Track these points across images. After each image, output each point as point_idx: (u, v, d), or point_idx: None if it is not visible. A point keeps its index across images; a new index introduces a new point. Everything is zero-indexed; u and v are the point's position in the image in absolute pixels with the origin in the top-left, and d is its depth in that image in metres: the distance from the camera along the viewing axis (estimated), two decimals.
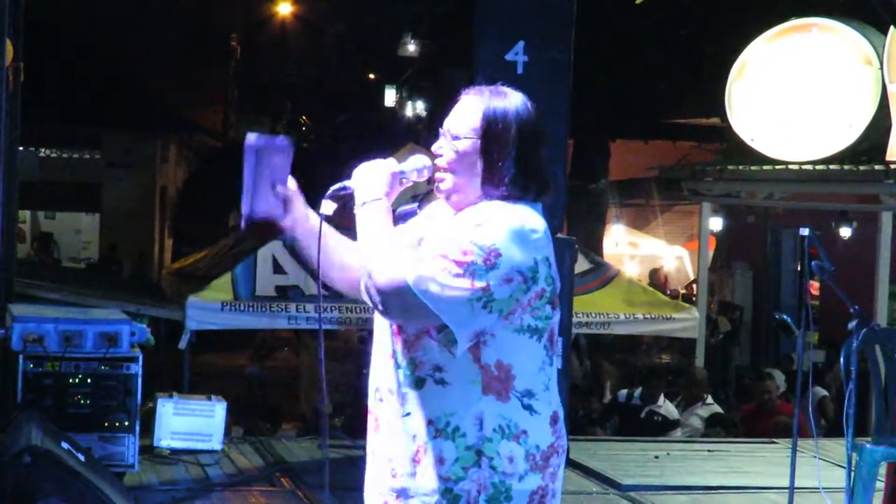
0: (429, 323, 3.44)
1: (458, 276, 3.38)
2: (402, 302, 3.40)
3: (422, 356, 3.51)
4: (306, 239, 3.79)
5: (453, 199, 3.64)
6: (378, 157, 3.83)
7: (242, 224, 3.76)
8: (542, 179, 3.63)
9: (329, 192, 3.67)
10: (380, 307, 3.46)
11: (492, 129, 3.57)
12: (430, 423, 3.49)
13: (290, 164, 3.72)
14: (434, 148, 3.65)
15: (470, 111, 3.61)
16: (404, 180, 3.71)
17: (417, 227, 3.73)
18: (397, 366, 3.55)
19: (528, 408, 3.52)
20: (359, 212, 3.58)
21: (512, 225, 3.46)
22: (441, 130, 3.66)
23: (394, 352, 3.56)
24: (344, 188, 3.65)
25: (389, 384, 3.57)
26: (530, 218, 3.53)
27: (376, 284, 3.42)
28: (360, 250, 3.54)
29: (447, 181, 3.62)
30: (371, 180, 3.63)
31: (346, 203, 3.67)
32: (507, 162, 3.56)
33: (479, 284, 3.38)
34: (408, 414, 3.53)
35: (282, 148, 3.69)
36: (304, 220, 3.77)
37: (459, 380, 3.49)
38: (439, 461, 3.48)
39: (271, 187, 3.70)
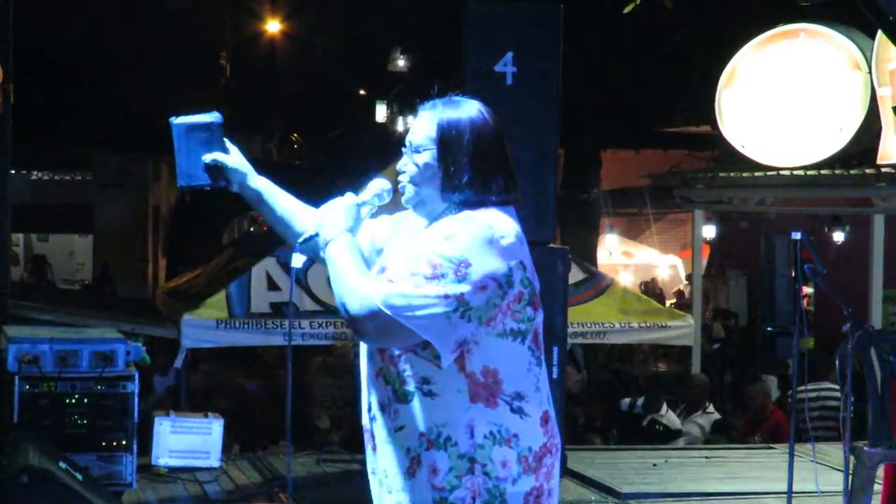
0: (410, 341, 3.49)
1: (429, 290, 3.44)
2: (378, 325, 3.45)
3: (409, 369, 3.56)
4: (254, 205, 4.01)
5: (420, 211, 3.72)
6: (372, 173, 3.91)
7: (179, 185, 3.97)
8: (504, 182, 3.68)
9: (297, 245, 3.79)
10: (359, 335, 3.56)
11: (445, 137, 3.65)
12: (421, 435, 3.54)
13: (221, 135, 3.95)
14: (399, 165, 3.74)
15: (425, 124, 3.70)
16: (368, 207, 3.81)
17: (379, 233, 3.86)
18: (386, 382, 3.61)
19: (519, 411, 3.56)
20: (326, 251, 3.65)
21: (480, 233, 3.52)
22: (404, 148, 3.74)
23: (380, 369, 3.63)
24: (309, 237, 3.75)
25: (381, 401, 3.63)
26: (499, 223, 3.58)
27: (350, 313, 3.49)
28: (332, 287, 3.58)
29: (411, 193, 3.69)
30: (331, 219, 3.70)
31: (315, 252, 3.78)
32: (464, 167, 3.64)
33: (453, 294, 3.44)
34: (400, 428, 3.58)
35: (206, 125, 3.93)
36: (247, 188, 3.96)
37: (448, 390, 3.53)
38: (433, 472, 3.52)
39: (198, 160, 3.91)
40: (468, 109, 3.70)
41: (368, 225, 3.89)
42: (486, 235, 3.52)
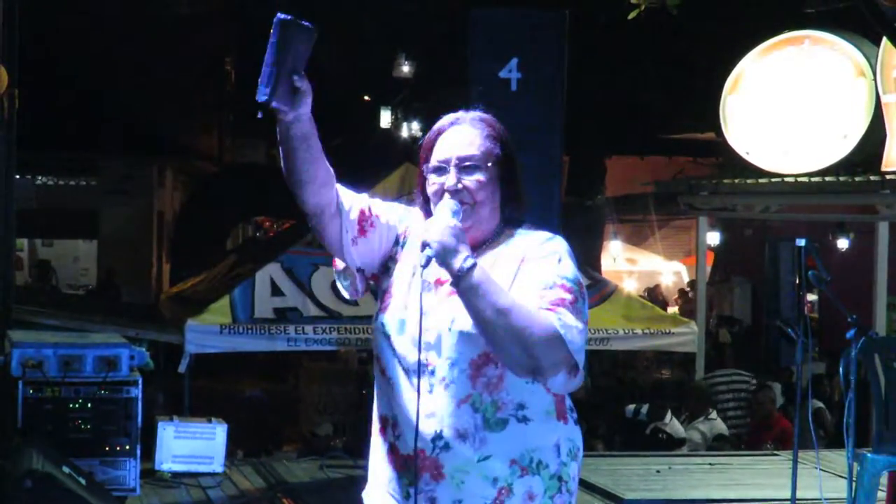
0: (563, 370, 3.41)
1: (580, 319, 3.40)
2: (556, 357, 3.35)
3: (504, 396, 3.46)
4: (298, 140, 3.47)
5: (472, 233, 3.56)
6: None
7: (261, 101, 3.30)
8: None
9: (420, 270, 3.44)
10: (531, 367, 3.37)
11: (508, 155, 3.61)
12: (513, 462, 3.46)
13: (310, 53, 3.35)
14: (449, 184, 3.55)
15: (479, 140, 3.58)
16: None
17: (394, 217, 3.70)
18: (475, 410, 3.46)
19: (577, 422, 3.61)
20: (469, 281, 3.35)
21: (569, 251, 3.54)
22: (444, 164, 3.58)
23: (468, 395, 3.46)
24: (429, 259, 3.39)
25: (461, 429, 3.46)
26: None
27: (532, 346, 3.31)
28: (490, 318, 3.33)
29: (470, 214, 3.55)
30: (454, 242, 3.40)
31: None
32: (519, 184, 3.63)
33: (587, 320, 3.44)
34: (486, 457, 3.45)
35: (309, 33, 3.32)
36: (306, 119, 3.45)
37: (539, 413, 3.49)
38: (529, 498, 3.47)
39: (289, 74, 3.31)
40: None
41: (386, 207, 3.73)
42: (571, 252, 3.54)
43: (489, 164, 3.55)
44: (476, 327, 3.39)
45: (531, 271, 3.47)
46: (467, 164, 3.55)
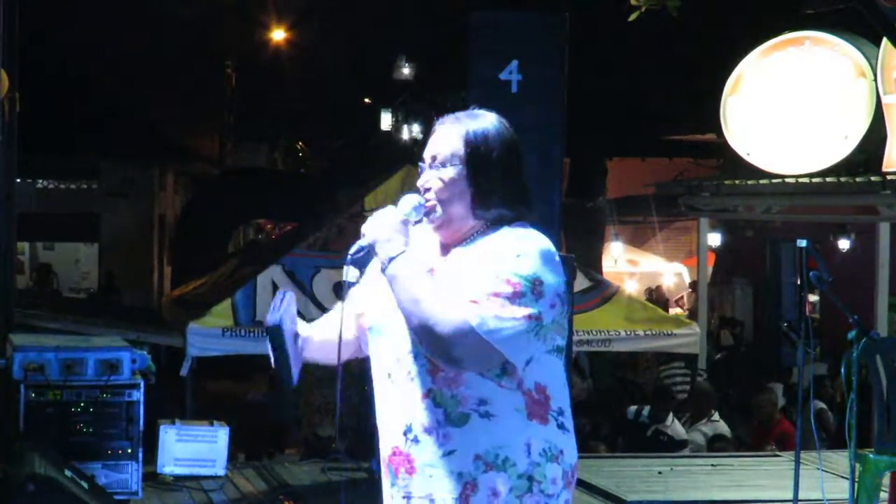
0: (493, 363, 3.44)
1: (515, 312, 3.40)
2: (471, 348, 3.39)
3: (464, 391, 3.48)
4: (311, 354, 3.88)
5: (446, 230, 3.62)
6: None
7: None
8: (527, 196, 3.67)
9: (349, 258, 3.59)
10: (446, 358, 3.42)
11: (475, 152, 3.59)
12: (477, 457, 3.47)
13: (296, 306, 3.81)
14: (420, 182, 3.64)
15: (450, 138, 3.61)
16: (411, 223, 3.63)
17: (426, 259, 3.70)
18: (436, 405, 3.49)
19: (562, 427, 3.57)
20: (390, 270, 3.50)
21: (543, 251, 3.50)
22: (422, 163, 3.66)
23: (429, 391, 3.50)
24: (361, 249, 3.57)
25: (426, 424, 3.51)
26: (547, 241, 3.57)
27: (441, 336, 3.38)
28: (406, 308, 3.45)
29: (439, 212, 3.60)
30: (387, 233, 3.55)
31: (364, 262, 3.65)
32: (495, 182, 3.59)
33: (533, 314, 3.42)
34: (451, 452, 3.48)
35: (291, 303, 3.74)
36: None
37: (505, 410, 3.48)
38: (493, 494, 3.46)
39: (294, 343, 3.75)
40: (492, 122, 3.65)
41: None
42: (547, 252, 3.51)
43: (452, 164, 3.59)
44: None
45: (483, 265, 3.49)
46: (436, 162, 3.62)
